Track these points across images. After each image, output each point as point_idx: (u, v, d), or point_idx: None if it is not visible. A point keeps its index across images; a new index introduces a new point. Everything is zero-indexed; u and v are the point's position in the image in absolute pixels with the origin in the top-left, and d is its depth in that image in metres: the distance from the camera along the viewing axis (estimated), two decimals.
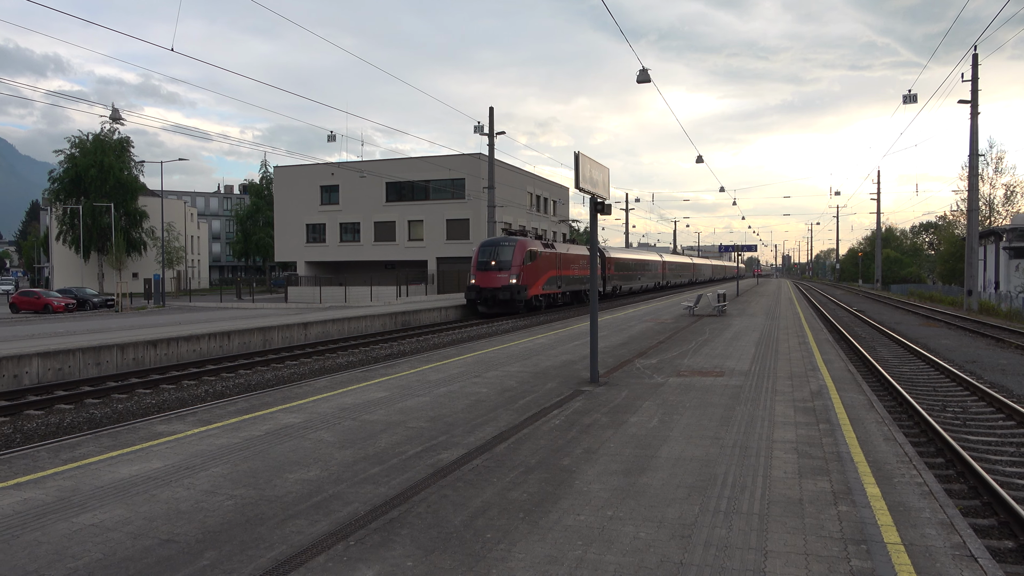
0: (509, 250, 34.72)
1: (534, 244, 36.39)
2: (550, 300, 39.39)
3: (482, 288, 34.04)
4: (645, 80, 22.55)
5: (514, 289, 33.64)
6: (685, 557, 4.64)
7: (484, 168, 44.42)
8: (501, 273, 33.96)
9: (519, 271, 34.14)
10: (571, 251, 43.20)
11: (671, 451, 7.27)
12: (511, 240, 35.51)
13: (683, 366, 13.48)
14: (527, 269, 34.85)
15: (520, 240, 35.61)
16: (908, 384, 14.45)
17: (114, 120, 28.65)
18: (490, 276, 34.05)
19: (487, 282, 34.04)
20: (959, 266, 52.67)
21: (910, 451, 7.26)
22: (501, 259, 34.30)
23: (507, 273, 33.90)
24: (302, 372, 16.99)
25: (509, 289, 33.60)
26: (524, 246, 35.14)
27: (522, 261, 34.47)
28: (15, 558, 4.71)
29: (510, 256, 34.37)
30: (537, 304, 37.14)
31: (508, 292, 33.52)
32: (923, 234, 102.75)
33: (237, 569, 4.51)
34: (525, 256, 34.75)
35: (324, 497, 5.89)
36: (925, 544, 4.85)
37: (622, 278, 53.85)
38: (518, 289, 33.77)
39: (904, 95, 34.60)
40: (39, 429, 11.39)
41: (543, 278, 37.12)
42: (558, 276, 39.66)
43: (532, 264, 35.43)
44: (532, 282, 35.33)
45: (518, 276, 34.00)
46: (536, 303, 36.91)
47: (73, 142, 68.44)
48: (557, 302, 40.85)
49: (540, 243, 37.91)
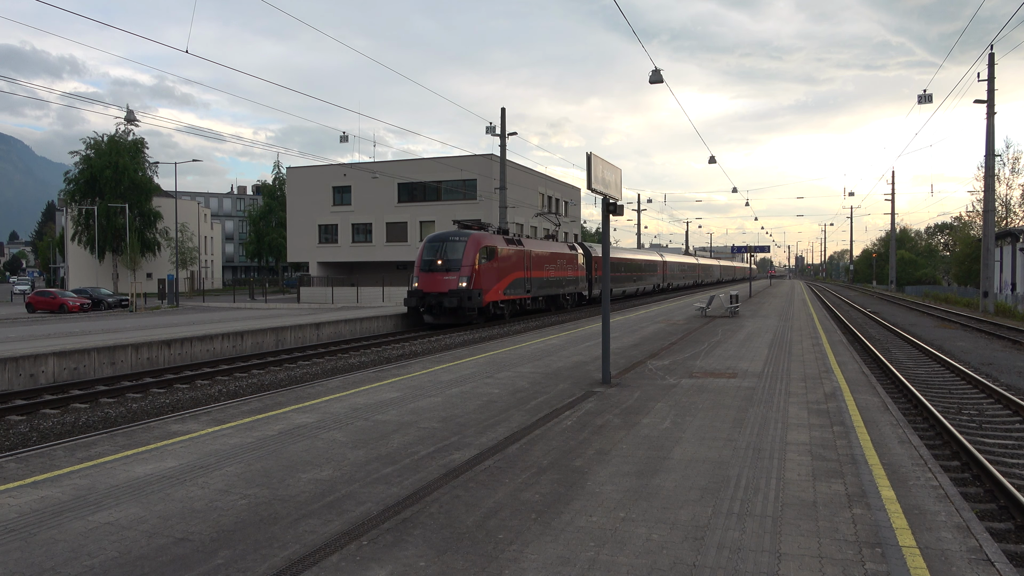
0: (459, 246, 29.07)
1: (493, 239, 30.61)
2: (516, 307, 33.49)
3: (425, 293, 28.53)
4: (658, 80, 22.49)
5: (464, 294, 27.97)
6: (698, 559, 4.62)
7: (496, 169, 44.45)
8: (448, 275, 28.41)
9: (471, 272, 28.42)
10: (547, 249, 37.09)
11: (684, 453, 7.25)
12: (462, 235, 29.77)
13: (696, 367, 13.44)
14: (483, 270, 29.13)
15: (474, 234, 29.81)
16: (923, 386, 14.34)
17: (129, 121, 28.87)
18: (435, 278, 28.61)
19: (431, 285, 28.54)
20: (975, 267, 52.24)
21: (925, 454, 7.20)
22: (449, 257, 28.78)
23: (455, 275, 28.34)
24: (314, 372, 17.06)
25: (458, 294, 28.00)
26: (478, 242, 29.39)
27: (475, 260, 28.69)
28: (33, 555, 4.76)
29: (460, 254, 28.74)
30: (498, 312, 31.38)
31: (456, 297, 27.95)
32: (938, 235, 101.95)
33: (251, 568, 4.53)
34: (480, 254, 29.01)
35: (337, 497, 5.91)
36: (941, 548, 4.81)
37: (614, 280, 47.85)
38: (469, 294, 28.05)
39: (919, 95, 34.33)
40: (55, 428, 11.49)
41: (505, 280, 31.26)
42: (527, 278, 33.55)
43: (490, 264, 29.67)
44: (489, 285, 29.54)
45: (470, 278, 28.33)
46: (496, 311, 31.17)
47: (88, 143, 69.02)
48: (526, 308, 34.96)
49: (503, 238, 31.98)
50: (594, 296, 44.23)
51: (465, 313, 28.56)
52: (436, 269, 28.56)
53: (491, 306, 30.23)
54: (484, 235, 30.30)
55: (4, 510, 5.65)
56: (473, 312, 28.65)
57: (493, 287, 29.95)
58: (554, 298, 38.29)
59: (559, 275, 38.07)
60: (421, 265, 29.21)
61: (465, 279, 28.25)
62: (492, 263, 29.86)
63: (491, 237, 30.48)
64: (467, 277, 28.30)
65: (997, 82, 34.53)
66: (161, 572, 4.49)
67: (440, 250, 29.19)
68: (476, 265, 28.70)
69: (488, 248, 29.80)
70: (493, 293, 29.97)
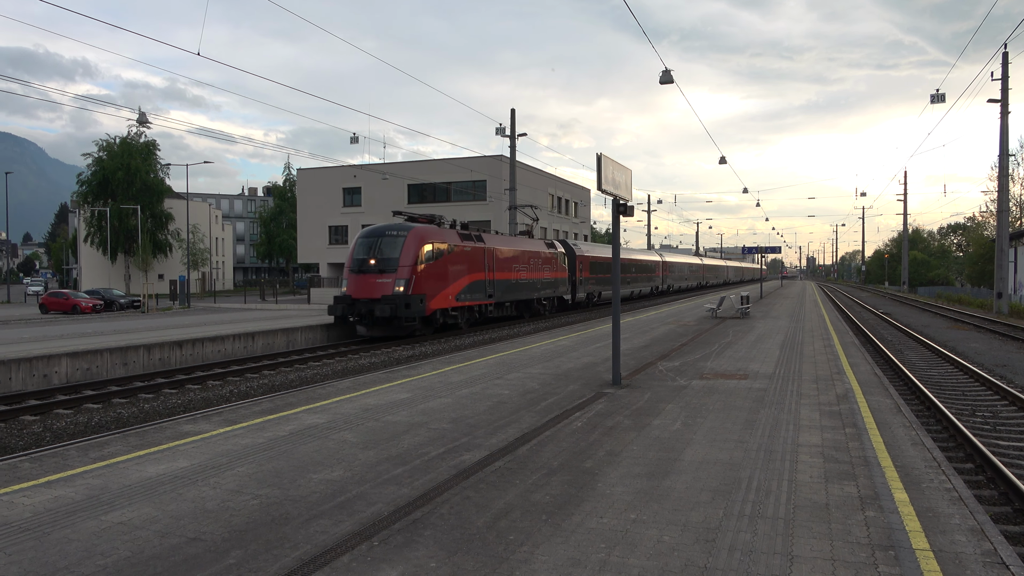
0: (397, 243, 24.35)
1: (441, 235, 26.05)
2: (474, 315, 28.64)
3: (355, 299, 23.69)
4: (668, 81, 22.45)
5: (400, 301, 23.08)
6: (710, 561, 4.60)
7: (505, 170, 44.47)
8: (383, 277, 23.75)
9: (411, 273, 23.74)
10: (516, 247, 32.13)
11: (695, 454, 7.22)
12: (401, 228, 24.97)
13: (706, 369, 13.39)
14: (428, 271, 24.48)
15: (416, 228, 25.00)
16: (936, 388, 14.23)
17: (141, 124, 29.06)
18: (367, 281, 23.88)
19: (362, 290, 23.81)
20: (988, 268, 51.83)
21: (939, 456, 7.14)
22: (384, 256, 24.19)
23: (391, 277, 23.68)
24: (325, 373, 17.12)
25: (392, 301, 23.04)
26: (421, 237, 24.67)
27: (416, 259, 24.02)
28: (46, 555, 4.79)
29: (397, 252, 24.04)
30: (449, 321, 26.75)
31: (390, 305, 22.92)
32: (951, 235, 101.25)
33: (263, 568, 4.55)
34: (423, 252, 24.40)
35: (348, 497, 5.93)
36: (955, 551, 4.77)
37: (602, 282, 43.10)
38: (407, 300, 23.19)
39: (932, 94, 34.14)
40: (68, 428, 11.58)
41: (459, 284, 26.54)
42: (488, 281, 28.69)
43: (437, 263, 25.10)
44: (436, 289, 24.92)
45: (409, 281, 23.64)
46: (448, 320, 26.58)
47: (101, 145, 69.53)
48: (488, 316, 29.91)
49: (456, 233, 27.42)
50: (579, 300, 39.93)
51: (402, 323, 23.72)
52: (368, 270, 24.02)
53: (439, 314, 25.59)
54: (429, 229, 25.60)
55: (18, 510, 5.70)
56: (413, 322, 23.98)
57: (441, 292, 25.30)
58: (527, 303, 33.56)
59: (534, 276, 33.37)
60: (351, 265, 24.67)
61: (403, 282, 23.55)
62: (440, 263, 25.27)
63: (439, 232, 26.08)
64: (405, 280, 23.59)
65: (1011, 81, 34.29)
66: (173, 572, 4.51)
67: (374, 247, 24.55)
68: (418, 265, 24.02)
69: (434, 245, 25.18)
70: (441, 299, 25.32)
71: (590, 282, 41.10)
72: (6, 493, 6.13)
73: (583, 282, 39.93)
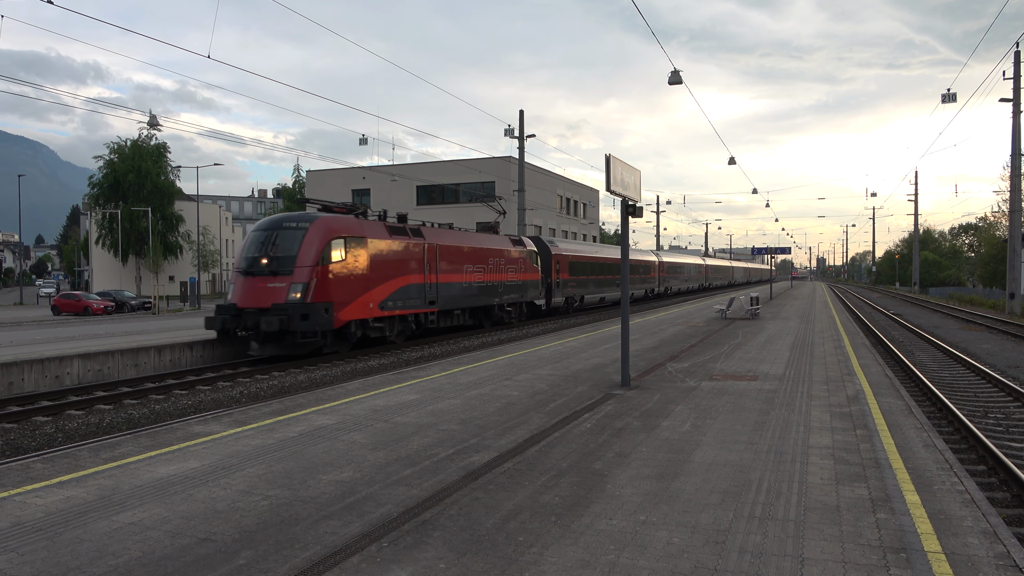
0: (295, 237, 18.92)
1: (359, 227, 20.39)
2: (409, 326, 22.97)
3: (242, 309, 18.29)
4: (677, 82, 22.41)
5: (295, 311, 17.84)
6: (720, 563, 4.59)
7: (514, 171, 44.48)
8: (276, 280, 18.44)
9: (313, 276, 18.42)
10: (469, 243, 26.93)
11: (704, 456, 7.20)
12: (303, 219, 19.46)
13: (716, 370, 13.35)
14: (338, 273, 19.16)
15: (322, 219, 19.47)
16: (948, 389, 14.14)
17: (152, 126, 29.26)
18: (255, 286, 18.59)
19: (250, 297, 18.46)
20: (1000, 268, 51.43)
21: (951, 458, 7.10)
22: (278, 254, 18.78)
23: (286, 280, 18.35)
24: (334, 374, 17.16)
25: (285, 311, 17.80)
26: (328, 229, 19.16)
27: (321, 257, 18.66)
28: (59, 555, 4.82)
29: (295, 248, 18.66)
30: (375, 335, 21.17)
31: (282, 316, 17.69)
32: (963, 236, 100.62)
33: (273, 569, 4.56)
34: (331, 249, 19.03)
35: (357, 498, 5.94)
36: (967, 553, 4.74)
37: (583, 285, 38.73)
38: (306, 310, 17.97)
39: (943, 94, 33.93)
40: (80, 429, 11.65)
41: (385, 288, 20.95)
42: (430, 285, 23.45)
43: (353, 263, 19.62)
44: (351, 295, 19.47)
45: (308, 285, 18.31)
46: (372, 333, 21.00)
47: (112, 148, 69.96)
48: (429, 327, 24.40)
49: (384, 226, 21.94)
50: (556, 305, 35.17)
51: (297, 339, 18.35)
52: (259, 272, 18.73)
53: (355, 327, 20.12)
54: (341, 220, 20.13)
55: (31, 510, 5.74)
56: (316, 337, 18.58)
57: (359, 298, 19.81)
58: (486, 310, 28.55)
59: (495, 279, 28.29)
60: (239, 265, 19.37)
61: (300, 287, 18.26)
62: (356, 262, 19.84)
63: (356, 224, 20.47)
64: (303, 284, 18.29)
65: (1023, 80, 34.00)
66: (184, 572, 4.53)
67: (267, 243, 19.09)
68: (323, 265, 18.77)
69: (348, 240, 19.64)
70: (358, 307, 19.83)
71: (570, 284, 36.77)
72: (19, 493, 6.17)
73: (561, 284, 35.65)
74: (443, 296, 24.45)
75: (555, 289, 34.95)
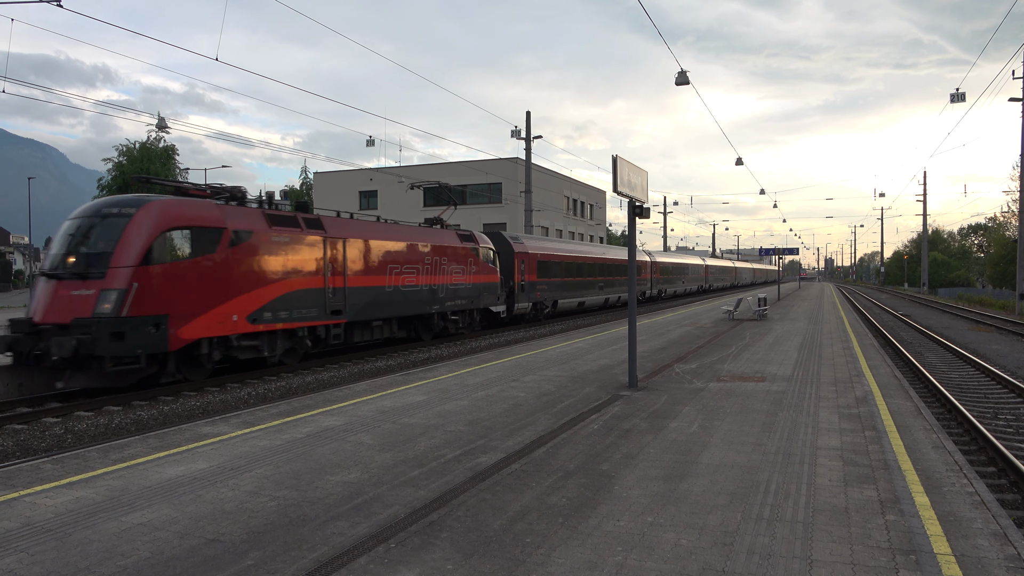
0: (113, 228, 13.85)
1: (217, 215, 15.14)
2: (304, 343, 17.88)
3: (38, 325, 13.13)
4: (684, 82, 22.37)
5: (107, 327, 12.81)
6: (728, 565, 4.58)
7: (521, 172, 44.49)
8: (82, 287, 13.26)
9: (133, 279, 13.32)
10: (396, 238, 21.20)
11: (712, 457, 7.18)
12: (127, 204, 14.27)
13: (723, 371, 13.32)
14: (176, 275, 14.16)
15: (153, 203, 14.20)
16: (957, 390, 14.06)
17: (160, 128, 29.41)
18: (58, 294, 13.41)
19: (50, 310, 13.29)
20: (1010, 269, 51.13)
21: (960, 459, 7.06)
22: (90, 251, 13.73)
23: (95, 287, 13.19)
24: (342, 376, 17.18)
25: (89, 328, 12.67)
26: (164, 217, 14.04)
27: (144, 255, 13.57)
28: (68, 555, 4.85)
29: (112, 244, 13.54)
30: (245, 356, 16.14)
31: (84, 336, 12.57)
32: (972, 236, 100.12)
33: (281, 569, 4.57)
34: (165, 243, 13.93)
35: (365, 499, 5.95)
36: (977, 555, 4.71)
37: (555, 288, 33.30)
38: (120, 327, 12.95)
39: (952, 94, 33.80)
40: (89, 430, 11.70)
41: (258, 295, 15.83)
42: (333, 290, 18.21)
43: (198, 263, 14.46)
44: (199, 305, 14.42)
45: (125, 294, 13.18)
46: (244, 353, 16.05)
47: (121, 150, 70.15)
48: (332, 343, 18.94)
49: (260, 214, 16.71)
50: (520, 312, 30.21)
51: (106, 367, 13.01)
52: (65, 275, 13.55)
53: (209, 346, 15.03)
54: (188, 205, 14.90)
55: (40, 510, 5.77)
56: (138, 363, 13.41)
57: (213, 308, 14.75)
58: (424, 320, 23.27)
59: (435, 282, 23.09)
60: (43, 265, 14.48)
61: (114, 295, 13.12)
62: (207, 261, 14.69)
63: (210, 210, 15.20)
64: (119, 292, 13.15)
65: None
66: (193, 572, 4.55)
67: (78, 235, 14.10)
68: (152, 264, 13.65)
69: (195, 232, 14.55)
70: (212, 320, 14.76)
71: (539, 287, 31.34)
72: (29, 494, 6.21)
73: (527, 288, 30.25)
74: (353, 304, 19.02)
75: (520, 293, 29.87)
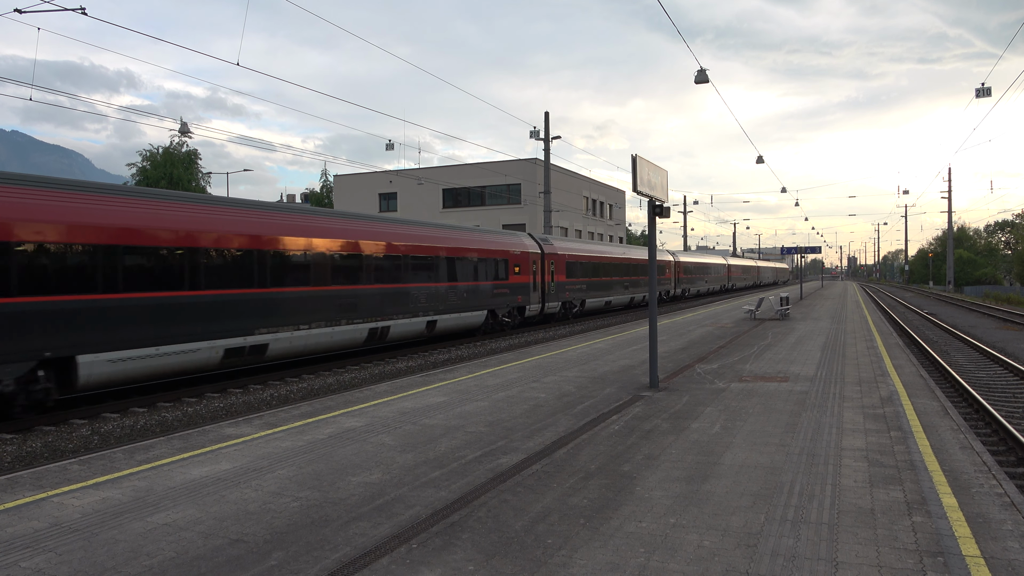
0: None
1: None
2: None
3: None
4: (703, 81, 22.22)
5: None
6: (751, 567, 4.53)
7: (540, 173, 44.46)
8: None
9: None
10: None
11: (735, 458, 7.12)
12: None
13: (745, 371, 13.21)
14: None
15: None
16: (985, 390, 13.84)
17: (183, 133, 29.64)
18: None
19: None
20: None
21: (989, 460, 6.94)
22: None
23: None
24: (363, 377, 17.26)
25: None
26: None
27: None
28: (95, 555, 4.91)
29: None
30: None
31: None
32: (999, 233, 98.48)
33: (304, 570, 4.60)
34: None
35: (386, 500, 5.97)
36: (1008, 558, 4.62)
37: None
38: None
39: (977, 88, 33.27)
40: (115, 431, 11.85)
41: None
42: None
43: None
44: None
45: None
46: None
47: (144, 155, 71.16)
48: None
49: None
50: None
51: None
52: None
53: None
54: None
55: (68, 511, 5.85)
56: None
57: None
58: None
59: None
60: None
61: None
62: None
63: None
64: None
65: None
66: (217, 572, 4.59)
67: None
68: None
69: None
70: None
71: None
72: (57, 495, 6.30)
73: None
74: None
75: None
